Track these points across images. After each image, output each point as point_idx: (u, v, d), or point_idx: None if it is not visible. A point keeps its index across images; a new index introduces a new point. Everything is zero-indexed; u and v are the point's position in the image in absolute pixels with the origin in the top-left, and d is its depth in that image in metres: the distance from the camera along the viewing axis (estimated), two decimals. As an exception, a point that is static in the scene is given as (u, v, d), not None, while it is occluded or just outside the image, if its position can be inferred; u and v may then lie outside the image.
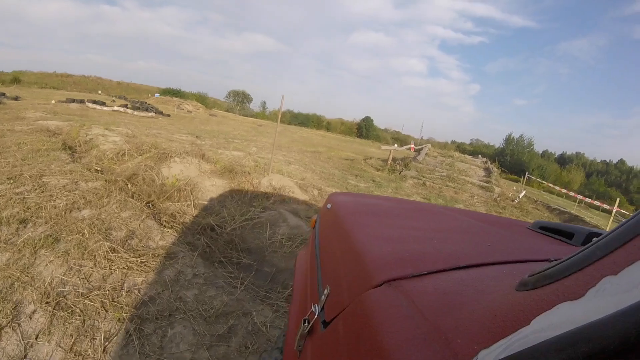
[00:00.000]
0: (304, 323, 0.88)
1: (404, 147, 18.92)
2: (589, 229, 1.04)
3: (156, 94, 36.87)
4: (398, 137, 48.23)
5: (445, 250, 0.88)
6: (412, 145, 18.69)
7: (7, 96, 15.64)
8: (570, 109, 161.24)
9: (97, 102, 17.34)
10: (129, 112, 17.12)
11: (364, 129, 53.23)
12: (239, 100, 56.31)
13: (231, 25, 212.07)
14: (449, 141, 58.53)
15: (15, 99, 15.35)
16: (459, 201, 10.25)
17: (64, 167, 4.40)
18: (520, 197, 12.45)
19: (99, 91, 35.36)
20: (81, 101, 16.96)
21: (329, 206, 1.49)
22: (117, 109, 16.93)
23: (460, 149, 33.72)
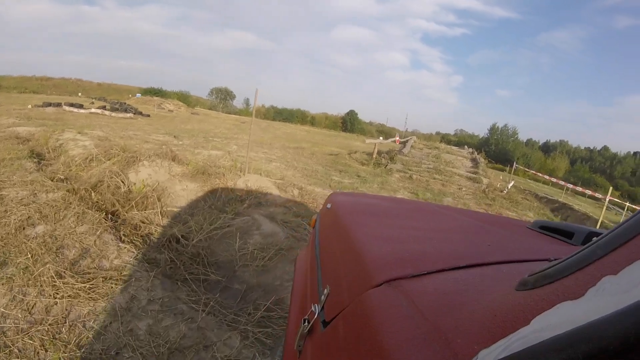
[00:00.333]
0: (304, 323, 0.90)
1: (389, 140, 19.06)
2: (589, 229, 1.07)
3: (137, 94, 37.53)
4: (383, 130, 48.85)
5: (445, 250, 0.90)
6: (397, 138, 18.85)
7: (-18, 103, 15.12)
8: (553, 98, 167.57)
9: (75, 105, 17.44)
10: (106, 113, 17.25)
11: (349, 122, 53.77)
12: (222, 98, 56.33)
13: (213, 22, 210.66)
14: (433, 132, 59.91)
15: (-10, 105, 14.86)
16: (447, 194, 10.40)
17: (26, 177, 4.16)
18: (509, 187, 12.68)
19: (79, 93, 35.34)
20: (58, 105, 16.95)
21: (328, 206, 1.51)
22: (94, 111, 17.10)
23: (445, 140, 34.34)
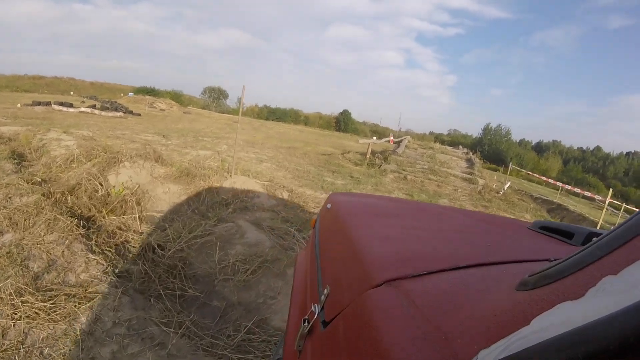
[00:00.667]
0: (304, 323, 0.92)
1: (382, 140, 19.09)
2: (589, 229, 1.09)
3: (130, 93, 37.02)
4: (376, 130, 49.13)
5: (445, 250, 0.92)
6: (391, 138, 18.86)
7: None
8: (546, 98, 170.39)
9: (64, 104, 17.37)
10: (96, 112, 17.33)
11: (343, 122, 54.17)
12: (215, 97, 56.40)
13: (207, 21, 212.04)
14: (427, 132, 60.40)
15: (-20, 104, 14.66)
16: (443, 195, 10.45)
17: (2, 180, 3.99)
18: (505, 188, 12.76)
19: (71, 92, 35.09)
20: (47, 103, 16.83)
21: (329, 206, 1.53)
22: (84, 110, 17.10)
23: (438, 139, 34.61)
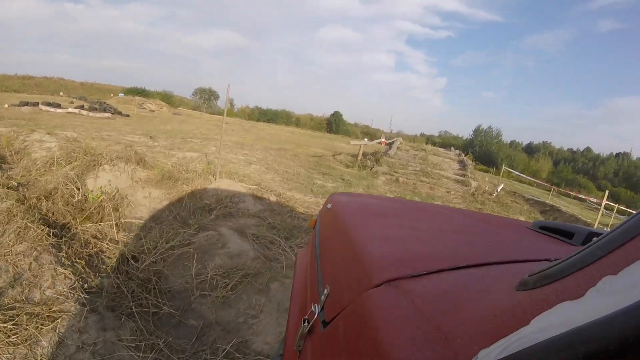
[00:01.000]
0: (304, 323, 0.93)
1: (374, 142, 19.18)
2: (589, 229, 1.12)
3: (120, 94, 38.27)
4: (368, 132, 49.62)
5: (445, 250, 0.94)
6: (383, 139, 18.97)
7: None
8: (537, 100, 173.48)
9: (52, 105, 17.48)
10: (84, 113, 17.41)
11: (334, 124, 54.70)
12: (206, 98, 56.86)
13: (199, 22, 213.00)
14: (418, 134, 61.22)
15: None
16: (436, 198, 10.54)
17: None
18: (498, 190, 12.91)
19: (61, 93, 35.76)
20: (35, 104, 16.91)
21: (329, 206, 1.55)
22: (71, 110, 17.19)
23: (429, 141, 34.98)
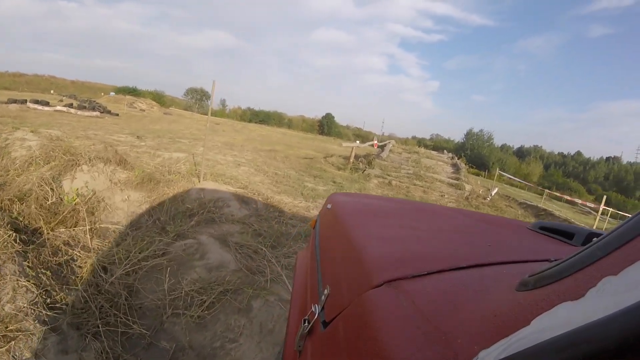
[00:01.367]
0: (304, 323, 0.95)
1: (366, 144, 19.27)
2: (589, 229, 1.14)
3: (111, 93, 38.66)
4: (359, 134, 50.12)
5: (446, 250, 0.96)
6: (375, 142, 19.01)
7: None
8: (528, 104, 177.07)
9: (40, 102, 17.49)
10: (72, 111, 17.50)
11: (326, 126, 55.08)
12: (198, 99, 57.17)
13: (192, 22, 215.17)
14: (409, 137, 61.94)
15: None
16: (429, 201, 10.58)
17: None
18: (492, 194, 13.03)
19: (52, 91, 36.37)
20: (23, 101, 16.86)
21: (329, 206, 1.57)
22: (60, 109, 17.24)
23: (421, 144, 35.32)
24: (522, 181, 23.74)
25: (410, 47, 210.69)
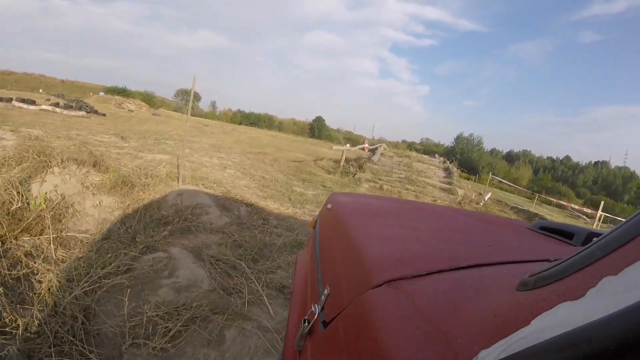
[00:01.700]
0: (304, 323, 0.96)
1: (357, 147, 19.30)
2: (589, 229, 1.16)
3: (101, 93, 38.63)
4: (350, 137, 50.45)
5: (446, 250, 0.97)
6: (366, 145, 19.07)
7: None
8: (517, 109, 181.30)
9: (26, 101, 17.46)
10: (58, 111, 17.38)
11: (316, 129, 55.33)
12: (188, 100, 56.55)
13: (184, 23, 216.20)
14: (399, 141, 62.73)
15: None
16: (421, 206, 10.51)
17: None
18: (485, 199, 13.20)
19: (41, 90, 36.62)
20: (8, 100, 16.86)
21: (329, 206, 1.58)
22: (45, 108, 17.14)
23: (411, 148, 35.66)
24: (513, 185, 24.10)
25: (401, 51, 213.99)
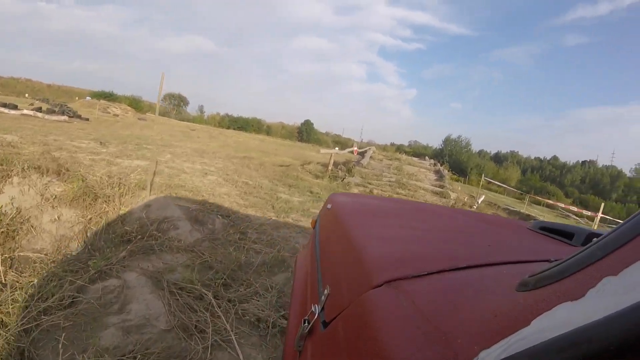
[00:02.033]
0: (304, 323, 0.97)
1: (345, 151, 19.35)
2: (589, 230, 1.19)
3: (87, 97, 38.42)
4: (339, 141, 50.89)
5: (446, 250, 0.99)
6: (355, 148, 19.09)
7: None
8: (505, 111, 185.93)
9: (8, 106, 17.16)
10: (39, 115, 17.11)
11: (305, 132, 55.64)
12: (175, 104, 57.17)
13: (172, 26, 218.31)
14: (388, 143, 63.48)
15: None
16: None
17: None
18: (479, 202, 13.29)
19: (26, 94, 36.50)
20: None
21: (329, 206, 1.60)
22: (26, 112, 16.93)
23: (400, 150, 36.04)
24: (502, 185, 24.48)
25: (389, 55, 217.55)
